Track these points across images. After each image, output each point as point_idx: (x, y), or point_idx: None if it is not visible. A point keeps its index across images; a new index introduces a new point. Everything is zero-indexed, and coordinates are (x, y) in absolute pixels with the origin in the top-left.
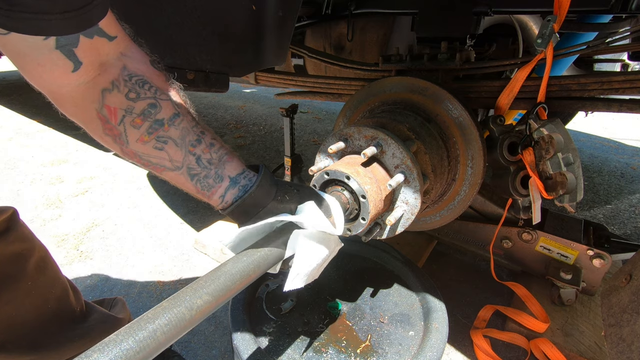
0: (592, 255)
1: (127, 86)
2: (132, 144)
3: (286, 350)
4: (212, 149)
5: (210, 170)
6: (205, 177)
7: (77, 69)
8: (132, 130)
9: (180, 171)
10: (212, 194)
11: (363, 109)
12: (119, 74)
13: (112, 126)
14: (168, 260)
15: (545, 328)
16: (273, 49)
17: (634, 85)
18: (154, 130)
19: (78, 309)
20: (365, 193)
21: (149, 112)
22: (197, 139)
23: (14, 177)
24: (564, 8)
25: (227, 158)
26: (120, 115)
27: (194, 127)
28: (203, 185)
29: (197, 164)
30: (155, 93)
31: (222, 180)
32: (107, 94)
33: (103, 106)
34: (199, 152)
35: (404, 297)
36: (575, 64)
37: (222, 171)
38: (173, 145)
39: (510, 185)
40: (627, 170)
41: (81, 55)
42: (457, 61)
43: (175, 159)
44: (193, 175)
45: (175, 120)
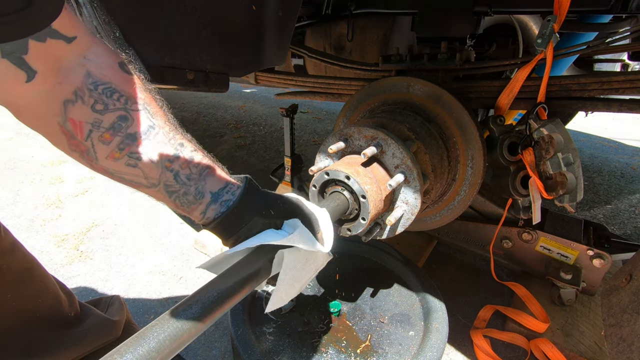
0: (592, 255)
1: (93, 96)
2: (102, 160)
3: (286, 350)
4: (192, 164)
5: (189, 187)
6: (184, 194)
7: (31, 79)
8: (101, 146)
9: (157, 188)
10: (192, 210)
11: (363, 109)
12: (83, 82)
13: (78, 142)
14: (168, 260)
15: (545, 328)
16: (273, 49)
17: (634, 85)
18: (126, 145)
19: (72, 314)
20: (365, 193)
21: (119, 126)
22: (175, 153)
23: (14, 177)
24: (564, 8)
25: (208, 172)
26: (87, 130)
27: (171, 140)
28: (182, 202)
29: (175, 181)
30: (125, 103)
31: (203, 197)
32: (70, 105)
33: (67, 120)
34: (177, 167)
35: (404, 297)
36: (575, 64)
37: (202, 187)
38: (148, 162)
39: (510, 185)
40: (627, 170)
41: (34, 62)
42: (457, 61)
43: (150, 176)
44: (171, 192)
45: (150, 134)
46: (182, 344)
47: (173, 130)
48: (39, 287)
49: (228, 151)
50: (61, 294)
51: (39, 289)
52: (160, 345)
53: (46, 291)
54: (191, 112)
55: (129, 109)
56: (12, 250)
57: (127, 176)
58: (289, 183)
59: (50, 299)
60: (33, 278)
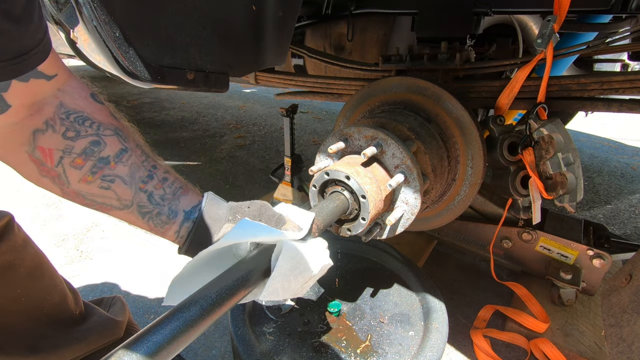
0: (592, 255)
1: (65, 125)
2: (74, 184)
3: (286, 350)
4: (165, 184)
5: (163, 207)
6: (157, 215)
7: (3, 112)
8: (73, 171)
9: (130, 209)
10: (166, 230)
11: (363, 109)
12: (54, 113)
13: (48, 168)
14: (168, 260)
15: (545, 328)
16: (273, 49)
17: (634, 85)
18: (99, 169)
19: (77, 312)
20: (365, 193)
21: (91, 151)
22: (149, 174)
23: (14, 177)
24: (564, 8)
25: (181, 192)
26: (57, 157)
27: (144, 162)
28: (156, 222)
29: (149, 201)
30: (97, 129)
31: (176, 216)
32: (40, 135)
33: (35, 148)
34: (151, 188)
35: (404, 297)
36: (575, 64)
37: (176, 206)
38: (121, 184)
39: (510, 185)
40: (627, 170)
41: (11, 99)
42: (457, 61)
43: (123, 197)
44: (144, 213)
45: (123, 157)
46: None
47: (145, 154)
48: (48, 284)
49: (228, 151)
50: (68, 292)
51: (48, 285)
52: (159, 347)
53: (54, 288)
54: (191, 112)
55: (101, 134)
56: (25, 246)
57: (100, 199)
58: (289, 183)
59: (58, 296)
60: (43, 275)
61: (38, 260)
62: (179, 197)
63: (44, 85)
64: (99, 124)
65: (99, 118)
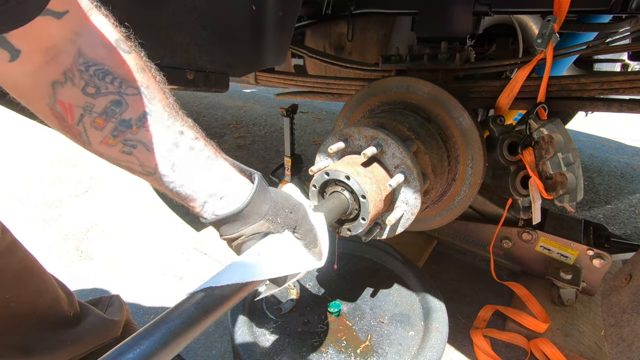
0: (592, 255)
1: (84, 78)
2: (96, 145)
3: (286, 350)
4: (192, 153)
5: (188, 179)
6: (181, 186)
7: (15, 59)
8: (94, 132)
9: (153, 177)
10: (189, 201)
11: (363, 109)
12: (73, 63)
13: (69, 125)
14: (168, 260)
15: (545, 328)
16: (273, 49)
17: (634, 85)
18: (120, 132)
19: (71, 313)
20: (365, 193)
21: (112, 111)
22: (174, 142)
23: (14, 177)
24: (564, 8)
25: (209, 163)
26: (78, 114)
27: (170, 127)
28: (179, 192)
29: (173, 171)
30: (119, 87)
31: (202, 189)
32: (59, 87)
33: (56, 102)
34: (175, 158)
35: (404, 297)
36: (575, 64)
37: (202, 179)
38: (143, 150)
39: (510, 185)
40: (627, 170)
41: (17, 42)
42: (457, 61)
43: (146, 164)
44: (168, 182)
45: (146, 121)
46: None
47: (173, 117)
48: (38, 287)
49: (228, 151)
50: (61, 294)
51: (38, 289)
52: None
53: (45, 291)
54: (191, 112)
55: (123, 93)
56: (11, 250)
57: (123, 163)
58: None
59: (49, 298)
60: (32, 278)
61: (27, 264)
62: (206, 170)
63: (53, 24)
64: (122, 80)
65: (122, 72)
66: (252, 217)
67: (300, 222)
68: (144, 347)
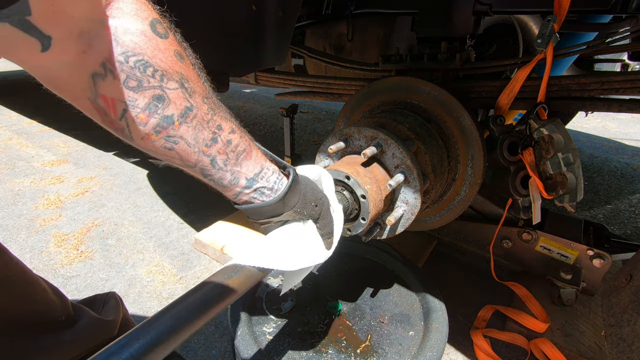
0: (592, 255)
1: (124, 70)
2: (137, 140)
3: (286, 350)
4: (229, 147)
5: (225, 172)
6: (220, 179)
7: (47, 48)
8: (137, 127)
9: (193, 169)
10: (225, 191)
11: (363, 109)
12: (111, 52)
13: (111, 119)
14: (168, 260)
15: (545, 328)
16: (273, 49)
17: (634, 85)
18: (162, 128)
19: (63, 317)
20: (365, 193)
21: (154, 106)
22: (213, 137)
23: (13, 177)
24: (564, 8)
25: (245, 156)
26: (121, 109)
27: (209, 122)
28: (217, 184)
29: (212, 166)
30: (161, 80)
31: (238, 182)
32: (100, 80)
33: (98, 96)
34: (214, 152)
35: (404, 297)
36: (575, 64)
37: (238, 172)
38: (184, 146)
39: (510, 185)
40: (627, 170)
41: (43, 25)
42: (457, 61)
43: (186, 159)
44: (206, 174)
45: (188, 116)
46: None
47: (212, 110)
48: (24, 294)
49: None
50: (51, 298)
51: (23, 296)
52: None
53: (31, 298)
54: None
55: (165, 87)
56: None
57: (163, 157)
58: None
59: (37, 305)
60: (14, 286)
61: (7, 272)
62: (242, 162)
63: (77, 3)
64: (163, 72)
65: (162, 63)
66: (282, 208)
67: (323, 214)
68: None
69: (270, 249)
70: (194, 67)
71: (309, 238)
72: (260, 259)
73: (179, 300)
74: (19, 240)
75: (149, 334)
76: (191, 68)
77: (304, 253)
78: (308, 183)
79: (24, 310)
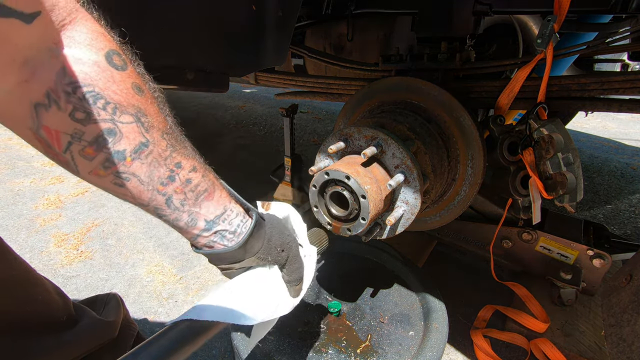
0: (592, 255)
1: (71, 102)
2: (84, 175)
3: (286, 350)
4: (188, 187)
5: (182, 213)
6: (175, 220)
7: None
8: (83, 161)
9: (146, 208)
10: (182, 232)
11: (363, 109)
12: (56, 82)
13: (55, 152)
14: (168, 260)
15: (545, 328)
16: (273, 49)
17: (634, 85)
18: (112, 164)
19: (64, 318)
20: (365, 193)
21: (104, 141)
22: (170, 175)
23: (13, 177)
24: (564, 8)
25: (206, 196)
26: (65, 142)
27: (167, 160)
28: (172, 224)
29: (167, 206)
30: (113, 113)
31: (196, 224)
32: (43, 111)
33: (40, 127)
34: (170, 191)
35: (404, 297)
36: (575, 64)
37: (196, 213)
38: (136, 183)
39: (510, 185)
40: (627, 170)
41: None
42: (457, 61)
43: (139, 197)
44: (160, 214)
45: (142, 152)
46: None
47: (171, 146)
48: (26, 295)
49: (228, 151)
50: (53, 298)
51: (26, 296)
52: None
53: (34, 298)
54: (191, 112)
55: (118, 121)
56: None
57: (113, 193)
58: (289, 183)
59: (39, 305)
60: (17, 286)
61: (12, 272)
62: (202, 203)
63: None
64: (116, 105)
65: (116, 95)
66: (245, 255)
67: (290, 259)
68: None
69: (228, 303)
70: (156, 101)
71: (273, 287)
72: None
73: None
74: (19, 240)
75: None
76: (151, 102)
77: (266, 304)
78: (275, 225)
79: (26, 310)
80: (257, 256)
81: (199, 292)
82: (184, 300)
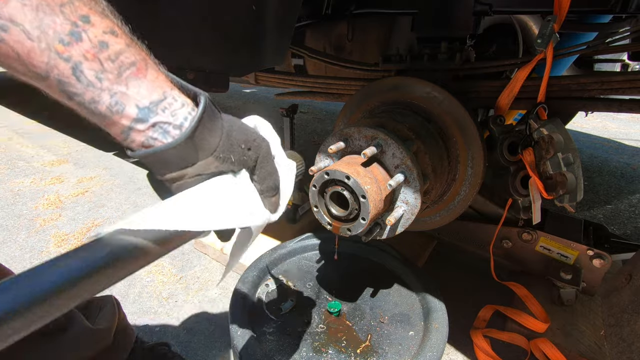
0: (592, 255)
1: None
2: None
3: (286, 350)
4: (104, 53)
5: (100, 91)
6: (91, 101)
7: None
8: None
9: (46, 83)
10: (108, 125)
11: (363, 109)
12: None
13: None
14: (168, 260)
15: (545, 328)
16: (273, 49)
17: (634, 85)
18: None
19: (50, 325)
20: (365, 193)
21: None
22: (73, 29)
23: (13, 177)
24: (564, 8)
25: (134, 71)
26: None
27: (64, 5)
28: (90, 109)
29: (75, 77)
30: None
31: (124, 110)
32: None
33: None
34: (77, 55)
35: (404, 297)
36: (575, 64)
37: (123, 94)
38: (20, 36)
39: (510, 185)
40: (627, 170)
41: None
42: (457, 61)
43: (29, 61)
44: (72, 93)
45: None
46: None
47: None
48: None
49: None
50: None
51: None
52: None
53: None
54: None
55: None
56: None
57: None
58: None
59: None
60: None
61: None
62: (128, 80)
63: None
64: None
65: None
66: (197, 153)
67: (261, 161)
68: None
69: (179, 207)
70: None
71: (242, 195)
72: (159, 220)
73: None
74: (19, 241)
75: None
76: None
77: (235, 210)
78: (235, 121)
79: None
80: (215, 155)
81: (199, 292)
82: (184, 300)
